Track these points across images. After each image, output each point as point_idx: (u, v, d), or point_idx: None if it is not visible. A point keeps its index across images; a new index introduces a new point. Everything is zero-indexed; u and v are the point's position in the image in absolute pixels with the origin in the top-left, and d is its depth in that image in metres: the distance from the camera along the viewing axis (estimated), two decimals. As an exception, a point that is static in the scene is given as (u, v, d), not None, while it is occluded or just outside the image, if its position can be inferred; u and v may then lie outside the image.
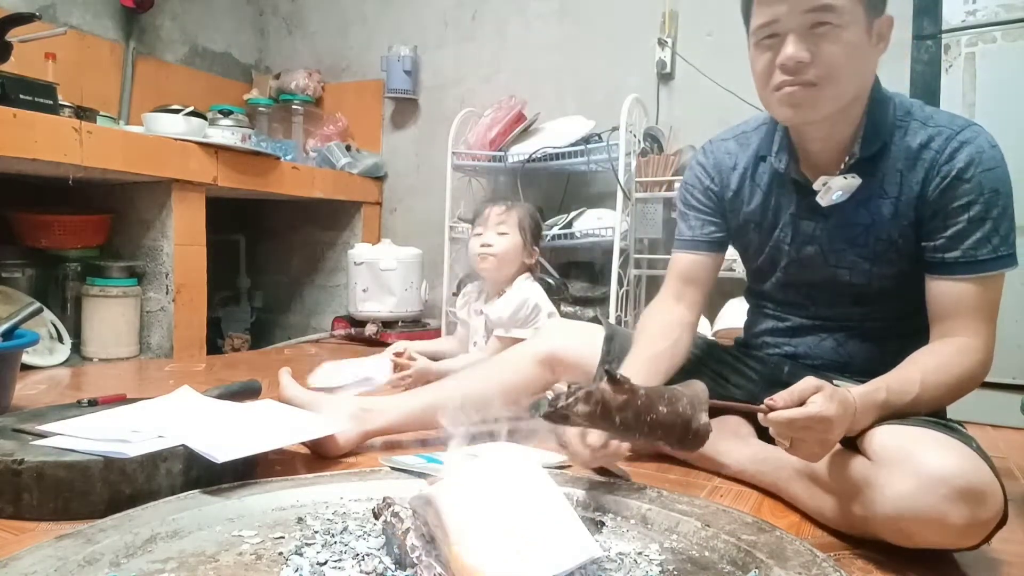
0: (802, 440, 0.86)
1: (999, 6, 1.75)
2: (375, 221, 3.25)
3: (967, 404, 1.40)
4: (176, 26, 3.11)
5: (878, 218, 1.06)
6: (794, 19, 0.96)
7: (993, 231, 0.99)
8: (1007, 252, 0.99)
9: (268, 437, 1.10)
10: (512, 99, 2.69)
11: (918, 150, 1.03)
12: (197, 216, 2.45)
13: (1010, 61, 1.75)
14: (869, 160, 1.05)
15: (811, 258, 1.14)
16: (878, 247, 1.07)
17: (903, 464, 0.83)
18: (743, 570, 0.79)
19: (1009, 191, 1.01)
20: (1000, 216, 0.99)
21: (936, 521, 0.80)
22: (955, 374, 0.97)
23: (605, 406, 0.80)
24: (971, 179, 0.99)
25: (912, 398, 0.93)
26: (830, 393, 0.84)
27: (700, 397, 0.82)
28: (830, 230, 1.11)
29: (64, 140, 1.96)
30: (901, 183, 1.04)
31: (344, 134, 3.26)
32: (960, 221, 1.00)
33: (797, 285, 1.19)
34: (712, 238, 1.25)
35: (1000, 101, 1.76)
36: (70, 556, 0.74)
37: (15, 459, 0.94)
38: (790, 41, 0.97)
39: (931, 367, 0.97)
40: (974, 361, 0.99)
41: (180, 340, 2.43)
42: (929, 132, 1.03)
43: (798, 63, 0.97)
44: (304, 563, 0.76)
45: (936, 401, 0.97)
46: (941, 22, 1.81)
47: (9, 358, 1.43)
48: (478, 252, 2.03)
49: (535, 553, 0.68)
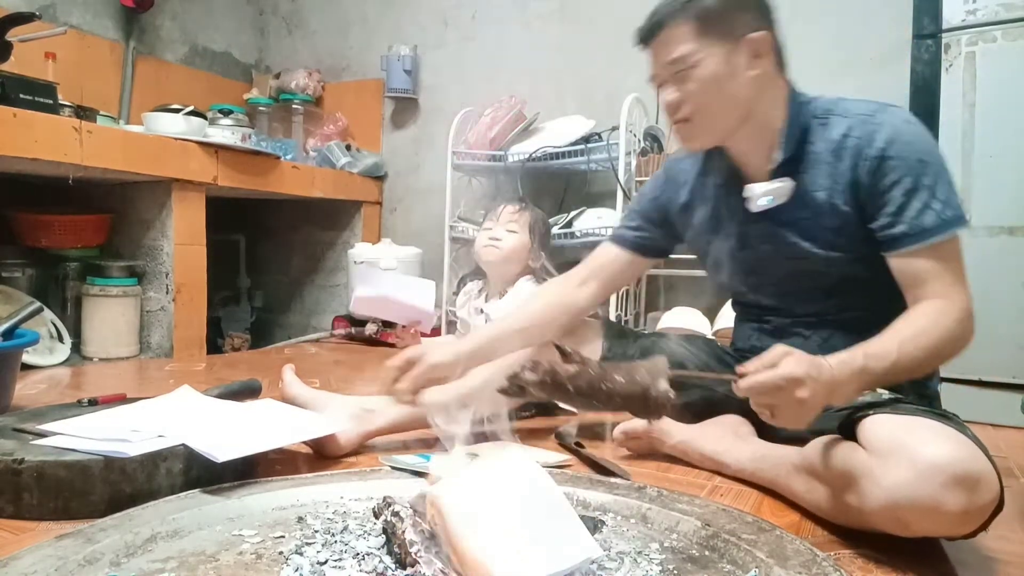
0: (778, 405, 0.87)
1: (999, 5, 1.75)
2: (375, 221, 3.25)
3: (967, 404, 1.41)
4: (176, 26, 3.11)
5: (818, 209, 1.12)
6: (661, 72, 1.12)
7: (932, 198, 1.02)
8: (952, 214, 1.02)
9: (268, 437, 1.10)
10: (512, 98, 2.69)
11: (841, 140, 1.09)
12: (197, 216, 2.45)
13: (1010, 61, 1.75)
14: (794, 160, 1.12)
15: (770, 257, 1.19)
16: (826, 236, 1.12)
17: (898, 453, 0.84)
18: (743, 569, 0.79)
19: (937, 158, 1.04)
20: (934, 183, 1.03)
21: (933, 509, 0.80)
22: (933, 335, 0.98)
23: (555, 376, 0.83)
24: (895, 156, 1.04)
25: (891, 362, 0.93)
26: (799, 355, 0.87)
27: (659, 367, 0.84)
28: (778, 228, 1.16)
29: (64, 140, 1.96)
30: (832, 174, 1.10)
31: (344, 134, 3.26)
32: (896, 196, 1.04)
33: (766, 286, 1.23)
34: (638, 238, 1.34)
35: (1000, 101, 1.76)
36: (70, 555, 0.74)
37: (15, 458, 0.94)
38: (665, 89, 1.13)
39: (907, 331, 0.97)
40: (951, 320, 0.99)
41: (180, 340, 2.43)
42: (848, 122, 1.09)
43: (670, 104, 1.13)
44: (304, 562, 0.76)
45: (919, 364, 0.97)
46: (941, 21, 1.81)
47: (9, 358, 1.43)
48: (485, 244, 2.03)
49: (535, 553, 0.68)
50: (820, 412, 0.89)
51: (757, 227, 1.19)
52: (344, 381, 2.07)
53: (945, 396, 1.29)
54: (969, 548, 0.93)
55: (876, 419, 0.92)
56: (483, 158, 2.64)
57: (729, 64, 1.08)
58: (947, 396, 1.71)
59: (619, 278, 1.38)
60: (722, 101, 1.10)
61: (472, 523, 0.69)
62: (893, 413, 0.93)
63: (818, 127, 1.12)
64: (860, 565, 0.87)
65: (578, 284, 1.33)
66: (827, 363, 0.89)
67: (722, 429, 1.27)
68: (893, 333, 0.97)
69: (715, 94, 1.09)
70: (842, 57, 2.35)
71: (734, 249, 1.23)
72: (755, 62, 1.09)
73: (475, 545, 0.67)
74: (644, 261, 1.37)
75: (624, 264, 1.35)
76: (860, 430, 0.93)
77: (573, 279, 1.35)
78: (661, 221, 1.34)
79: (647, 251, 1.36)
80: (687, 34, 1.08)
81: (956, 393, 1.75)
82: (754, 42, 1.08)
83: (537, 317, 1.30)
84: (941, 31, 1.81)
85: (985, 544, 0.95)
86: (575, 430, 1.43)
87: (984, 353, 1.76)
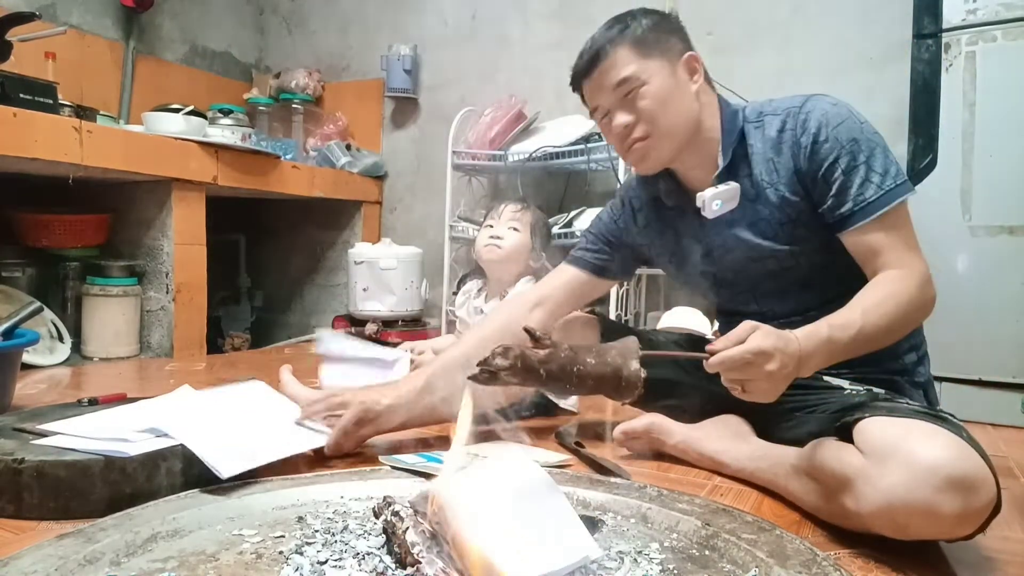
0: (748, 379, 0.91)
1: (999, 5, 1.75)
2: (375, 220, 3.25)
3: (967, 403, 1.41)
4: (176, 25, 3.11)
5: (770, 205, 1.15)
6: (608, 98, 1.16)
7: (870, 172, 1.06)
8: (892, 184, 1.05)
9: (273, 446, 1.09)
10: (512, 98, 2.69)
11: (777, 136, 1.14)
12: (197, 215, 2.45)
13: (1010, 60, 1.75)
14: (736, 165, 1.16)
15: (737, 264, 1.21)
16: (784, 230, 1.15)
17: (894, 456, 0.84)
18: (743, 569, 0.79)
19: (867, 134, 1.08)
20: (870, 158, 1.06)
21: (929, 512, 0.80)
22: (894, 301, 1.00)
23: (525, 360, 0.84)
24: (827, 139, 1.08)
25: (856, 331, 0.96)
26: (767, 330, 0.91)
27: (631, 348, 0.85)
28: (737, 232, 1.19)
29: (64, 139, 1.96)
30: (775, 168, 1.14)
31: (344, 133, 3.26)
32: (837, 177, 1.07)
33: (742, 293, 1.24)
34: (596, 259, 1.36)
35: (1000, 100, 1.76)
36: (70, 555, 0.74)
37: (16, 458, 0.94)
38: (615, 115, 1.17)
39: (869, 300, 1.00)
40: (909, 285, 1.02)
41: (180, 339, 2.43)
42: (780, 118, 1.14)
43: (625, 127, 1.16)
44: (304, 562, 0.76)
45: (884, 331, 1.00)
46: (941, 21, 1.81)
47: (9, 357, 1.43)
48: (486, 243, 2.03)
49: (534, 552, 0.68)
50: (789, 385, 0.92)
51: (718, 238, 1.22)
52: (344, 381, 2.07)
53: (945, 396, 1.29)
54: (969, 548, 0.93)
55: (871, 422, 0.92)
56: (483, 158, 2.64)
57: (674, 80, 1.15)
58: (947, 396, 1.72)
59: (575, 299, 1.38)
60: (675, 115, 1.15)
61: (474, 521, 0.69)
62: (889, 415, 0.93)
63: (754, 130, 1.17)
64: (860, 565, 0.87)
65: (530, 307, 1.34)
66: (793, 335, 0.92)
67: (722, 429, 1.27)
68: (856, 303, 1.00)
69: (668, 108, 1.14)
70: (842, 57, 2.36)
71: (701, 265, 1.26)
72: (693, 78, 1.17)
73: (479, 542, 0.67)
74: (601, 282, 1.39)
75: (580, 285, 1.37)
76: (856, 433, 0.93)
77: (526, 302, 1.36)
78: (619, 244, 1.36)
79: (604, 272, 1.37)
80: (629, 56, 1.14)
81: (956, 393, 1.75)
82: (689, 60, 1.17)
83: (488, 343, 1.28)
84: (941, 31, 1.81)
85: (985, 544, 0.95)
86: (575, 430, 1.43)
87: (984, 353, 1.77)
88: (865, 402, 1.03)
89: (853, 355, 0.99)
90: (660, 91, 1.13)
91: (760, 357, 0.89)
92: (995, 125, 1.76)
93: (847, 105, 1.11)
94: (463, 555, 0.67)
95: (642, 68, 1.13)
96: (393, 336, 2.82)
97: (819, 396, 1.15)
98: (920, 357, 1.20)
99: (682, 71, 1.16)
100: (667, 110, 1.14)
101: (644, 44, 1.14)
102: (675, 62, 1.16)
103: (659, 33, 1.16)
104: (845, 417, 0.98)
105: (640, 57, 1.14)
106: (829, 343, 0.95)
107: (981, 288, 1.78)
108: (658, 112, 1.14)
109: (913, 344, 1.18)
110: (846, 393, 1.13)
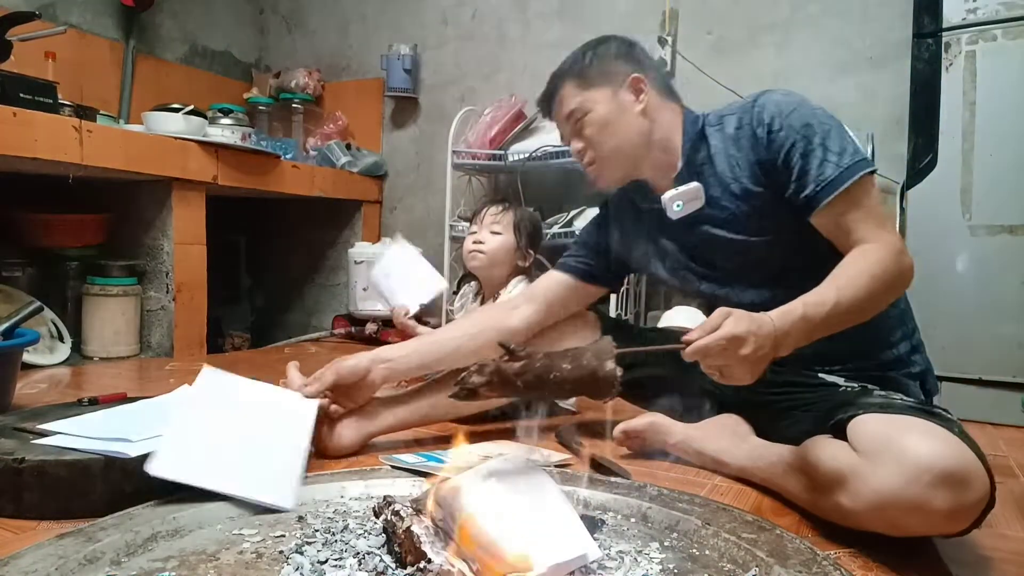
0: (726, 364, 0.92)
1: (999, 4, 1.75)
2: (375, 220, 3.25)
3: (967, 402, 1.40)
4: (176, 25, 3.11)
5: (735, 200, 1.17)
6: (564, 128, 1.28)
7: (827, 152, 1.07)
8: (851, 161, 1.06)
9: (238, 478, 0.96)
10: (512, 98, 2.69)
11: (735, 132, 1.18)
12: (197, 215, 2.45)
13: (1010, 59, 1.75)
14: (697, 166, 1.21)
15: (714, 257, 1.24)
16: (752, 222, 1.17)
17: (885, 453, 0.84)
18: (743, 568, 0.79)
19: (820, 119, 1.10)
20: (826, 139, 1.08)
21: (920, 508, 0.80)
22: (867, 274, 1.00)
23: (501, 373, 0.84)
24: (781, 127, 1.11)
25: (832, 305, 0.97)
26: (739, 314, 0.93)
27: (605, 348, 0.86)
28: (706, 230, 1.21)
29: (64, 139, 1.96)
30: (736, 163, 1.18)
31: (344, 133, 3.26)
32: (796, 162, 1.09)
33: (726, 284, 1.25)
34: (581, 264, 1.39)
35: (1000, 99, 1.76)
36: (71, 554, 0.74)
37: (16, 458, 0.94)
38: (570, 142, 1.28)
39: (843, 276, 1.01)
40: (881, 256, 1.02)
41: (180, 339, 2.43)
42: (737, 116, 1.19)
43: (577, 152, 1.26)
44: (305, 561, 0.76)
45: (862, 304, 1.00)
46: (941, 20, 1.81)
47: (10, 357, 1.43)
48: (469, 249, 2.02)
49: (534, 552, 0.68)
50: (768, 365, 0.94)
51: (688, 237, 1.25)
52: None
53: (945, 395, 1.29)
54: (968, 546, 0.94)
55: (864, 419, 0.92)
56: (483, 157, 2.64)
57: (615, 104, 1.22)
58: (947, 395, 1.72)
59: (563, 303, 1.39)
60: (619, 136, 1.22)
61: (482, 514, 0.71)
62: (882, 412, 0.93)
63: (715, 132, 1.21)
64: (860, 564, 0.87)
65: (512, 308, 1.38)
66: (768, 317, 0.94)
67: (721, 428, 1.27)
68: (830, 280, 1.01)
69: (611, 132, 1.22)
70: (842, 57, 2.36)
71: (683, 263, 1.28)
72: (639, 98, 1.22)
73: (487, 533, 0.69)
74: (588, 288, 1.40)
75: (567, 290, 1.38)
76: (850, 430, 0.93)
77: (508, 303, 1.44)
78: (604, 251, 1.39)
79: (590, 278, 1.39)
80: (573, 90, 1.24)
81: (956, 392, 1.75)
82: (633, 82, 1.22)
83: (467, 334, 1.33)
84: (941, 30, 1.81)
85: (983, 542, 0.95)
86: (575, 430, 1.43)
87: (984, 352, 1.77)
88: (859, 399, 1.03)
89: (833, 330, 0.99)
90: (601, 118, 1.22)
91: (734, 342, 0.90)
92: (995, 124, 1.76)
93: (799, 95, 1.15)
94: (470, 545, 0.68)
95: (585, 99, 1.22)
96: (393, 336, 2.83)
97: (815, 394, 1.15)
98: (914, 346, 1.20)
99: (625, 94, 1.22)
100: (610, 134, 1.22)
101: (586, 76, 1.23)
102: (618, 87, 1.22)
103: (603, 62, 1.24)
104: (839, 415, 0.98)
105: (582, 89, 1.23)
106: (804, 320, 0.95)
107: (981, 288, 1.78)
108: (602, 137, 1.22)
109: (904, 333, 1.18)
110: (841, 390, 1.13)
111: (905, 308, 1.20)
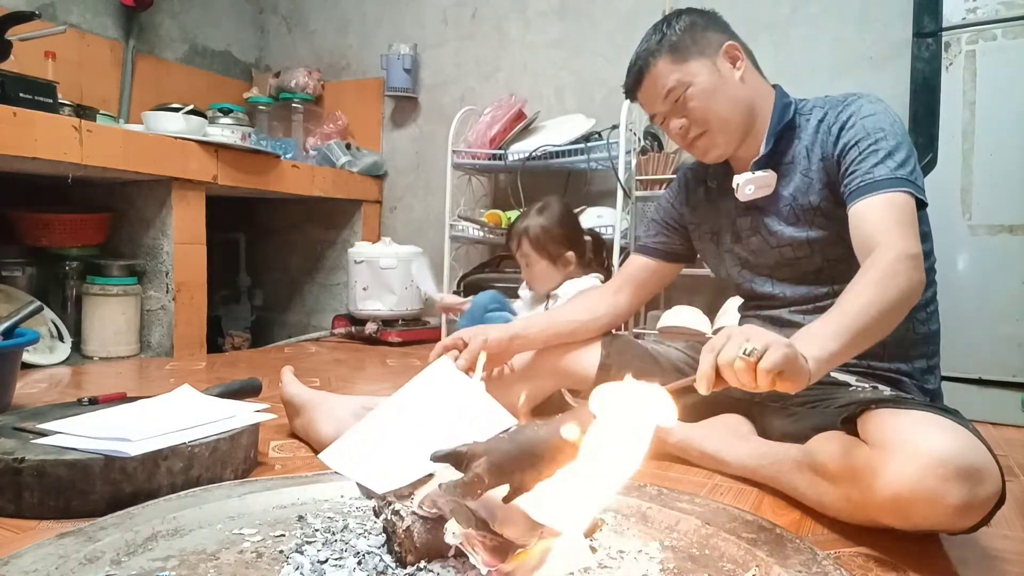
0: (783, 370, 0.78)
1: (999, 4, 1.75)
2: (375, 219, 3.25)
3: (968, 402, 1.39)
4: (176, 24, 3.11)
5: (797, 191, 1.19)
6: (660, 106, 1.22)
7: (888, 156, 1.07)
8: (905, 175, 1.05)
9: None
10: (512, 97, 2.69)
11: (817, 126, 1.19)
12: (197, 214, 2.45)
13: (1010, 59, 1.75)
14: (779, 152, 1.20)
15: (758, 246, 1.25)
16: (805, 216, 1.18)
17: (900, 446, 0.84)
18: (743, 568, 0.79)
19: (898, 132, 1.09)
20: (893, 149, 1.07)
21: (935, 501, 0.80)
22: (875, 287, 0.94)
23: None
24: (855, 124, 1.12)
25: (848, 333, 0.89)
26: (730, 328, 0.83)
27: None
28: (764, 216, 1.23)
29: (64, 139, 1.96)
30: (809, 156, 1.18)
31: (344, 132, 3.26)
32: (855, 156, 1.10)
33: (760, 276, 1.27)
34: (660, 245, 1.42)
35: (1000, 99, 1.76)
36: (71, 554, 0.74)
37: (16, 457, 0.95)
38: (670, 120, 1.22)
39: (849, 295, 0.95)
40: (887, 260, 0.96)
41: (180, 339, 2.43)
42: (824, 110, 1.19)
43: (682, 128, 1.22)
44: (305, 561, 0.76)
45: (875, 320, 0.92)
46: (941, 20, 1.81)
47: (9, 356, 1.43)
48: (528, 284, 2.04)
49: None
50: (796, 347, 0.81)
51: (745, 220, 1.26)
52: (344, 380, 2.07)
53: (946, 395, 1.29)
54: (970, 546, 0.93)
55: (878, 413, 0.92)
56: (483, 157, 2.64)
57: (716, 73, 1.19)
58: (948, 395, 1.71)
59: (649, 285, 1.45)
60: (725, 107, 1.19)
61: None
62: (895, 408, 0.93)
63: (804, 122, 1.21)
64: (860, 563, 0.87)
65: (614, 292, 1.44)
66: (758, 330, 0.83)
67: (722, 428, 1.27)
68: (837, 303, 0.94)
69: (716, 102, 1.18)
70: (842, 56, 2.36)
71: (729, 243, 1.31)
72: (736, 65, 1.21)
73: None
74: (669, 266, 1.44)
75: (651, 271, 1.43)
76: (862, 424, 0.93)
77: (608, 288, 1.47)
78: (678, 227, 1.41)
79: (669, 256, 1.42)
80: (668, 66, 1.19)
81: (957, 392, 1.75)
82: (728, 49, 1.20)
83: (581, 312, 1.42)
84: (941, 29, 1.81)
85: (986, 542, 0.95)
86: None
87: (984, 352, 1.77)
88: (870, 398, 1.03)
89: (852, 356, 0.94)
90: (706, 88, 1.18)
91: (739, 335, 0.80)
92: (995, 124, 1.76)
93: (886, 104, 1.14)
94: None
95: (683, 73, 1.18)
96: (393, 335, 2.83)
97: (824, 391, 1.15)
98: (931, 367, 1.20)
99: (723, 62, 1.20)
100: (716, 105, 1.19)
101: (681, 49, 1.19)
102: (715, 56, 1.20)
103: (694, 33, 1.20)
104: (851, 409, 0.97)
105: (679, 63, 1.19)
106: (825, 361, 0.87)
107: (981, 287, 1.78)
108: (708, 109, 1.19)
109: (923, 353, 1.19)
110: (852, 389, 1.13)
111: (927, 333, 1.19)
